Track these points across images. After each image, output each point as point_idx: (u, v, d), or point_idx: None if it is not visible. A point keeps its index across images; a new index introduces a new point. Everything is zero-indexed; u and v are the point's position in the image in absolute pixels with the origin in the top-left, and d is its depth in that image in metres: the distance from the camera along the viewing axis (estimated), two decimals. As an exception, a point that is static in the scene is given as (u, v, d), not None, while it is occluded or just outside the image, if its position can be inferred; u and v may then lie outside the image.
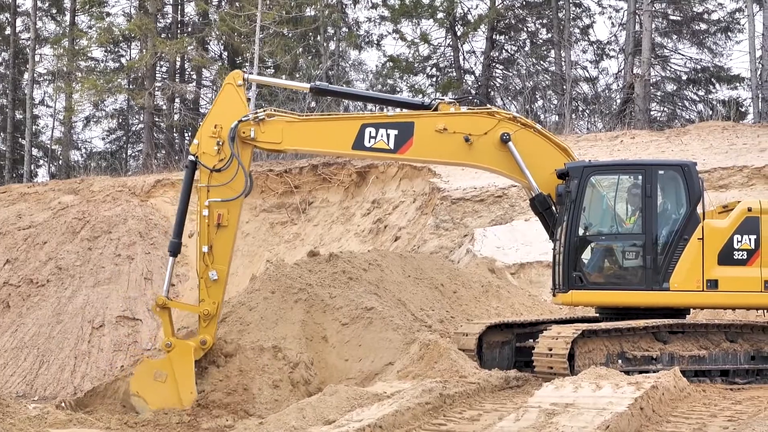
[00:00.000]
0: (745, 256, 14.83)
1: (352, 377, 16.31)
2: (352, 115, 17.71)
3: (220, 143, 15.97)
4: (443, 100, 16.67)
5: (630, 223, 15.49)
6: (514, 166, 16.14)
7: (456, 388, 12.30)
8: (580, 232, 15.28)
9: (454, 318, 18.65)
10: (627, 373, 13.14)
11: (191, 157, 16.18)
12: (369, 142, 16.04)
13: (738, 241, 14.85)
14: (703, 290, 14.79)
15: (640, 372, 13.43)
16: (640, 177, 15.24)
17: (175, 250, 16.46)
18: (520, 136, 16.12)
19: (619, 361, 13.98)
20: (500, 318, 17.90)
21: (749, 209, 15.00)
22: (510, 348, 16.24)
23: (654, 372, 13.11)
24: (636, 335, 14.23)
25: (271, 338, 17.04)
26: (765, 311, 16.30)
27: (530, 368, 14.70)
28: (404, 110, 17.11)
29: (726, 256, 14.85)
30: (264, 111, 16.44)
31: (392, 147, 16.07)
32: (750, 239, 14.83)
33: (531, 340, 15.52)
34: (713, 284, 14.78)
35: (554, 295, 16.03)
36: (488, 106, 17.07)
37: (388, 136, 16.03)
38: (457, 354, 14.68)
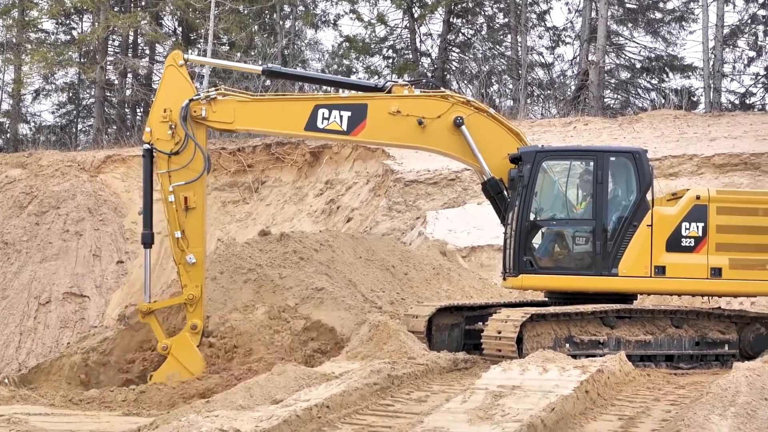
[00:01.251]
0: (692, 244, 15.01)
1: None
2: (305, 96, 17.77)
3: (173, 126, 15.77)
4: (397, 82, 16.61)
5: (581, 209, 15.59)
6: (466, 150, 16.17)
7: (404, 370, 12.32)
8: (532, 216, 15.36)
9: (404, 300, 18.67)
10: (574, 356, 13.23)
11: (146, 146, 15.99)
12: (322, 123, 15.98)
13: (686, 229, 15.02)
14: (651, 276, 14.96)
15: (587, 356, 13.53)
16: (591, 163, 15.33)
17: (148, 241, 16.26)
18: (474, 120, 16.14)
19: (567, 345, 14.09)
20: (450, 300, 17.92)
21: (697, 197, 15.17)
22: (459, 330, 16.29)
23: (601, 356, 13.21)
24: (584, 320, 14.34)
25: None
26: (710, 298, 16.50)
27: (479, 351, 14.78)
28: (359, 92, 17.04)
29: (674, 243, 15.03)
30: (216, 90, 16.28)
31: (345, 129, 16.03)
32: (698, 227, 15.01)
33: (480, 323, 15.56)
34: (661, 270, 14.95)
35: (504, 279, 16.10)
36: (442, 89, 17.06)
37: (341, 117, 15.98)
38: (406, 335, 14.70)
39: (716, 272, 14.99)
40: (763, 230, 15.14)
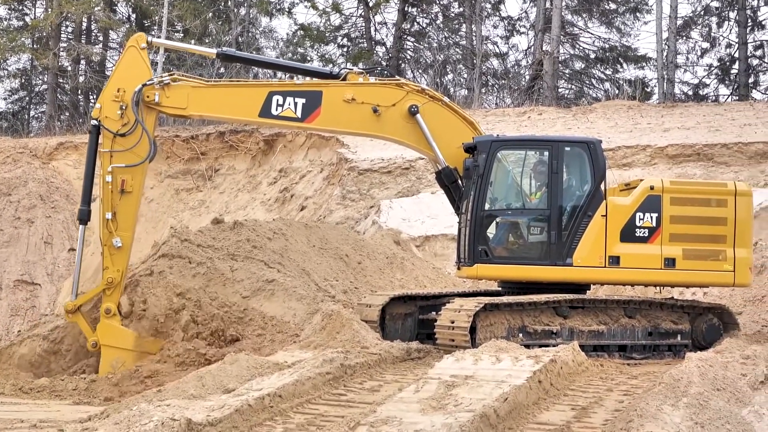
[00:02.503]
0: (646, 234, 15.07)
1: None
2: (259, 83, 17.58)
3: (124, 107, 15.74)
4: (352, 70, 16.65)
5: (536, 199, 15.58)
6: (421, 139, 16.16)
7: (357, 359, 12.27)
8: (487, 206, 15.32)
9: (357, 289, 18.61)
10: (527, 346, 13.23)
11: (94, 122, 15.94)
12: (276, 110, 15.93)
13: (640, 219, 15.08)
14: (605, 266, 15.00)
15: (541, 346, 13.54)
16: (546, 153, 15.34)
17: (84, 217, 16.20)
18: (428, 109, 16.13)
19: (520, 334, 14.09)
20: (404, 290, 17.90)
21: (651, 187, 15.23)
22: (413, 320, 16.24)
23: (554, 346, 13.22)
24: (537, 309, 14.35)
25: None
26: (662, 288, 16.59)
27: (432, 340, 14.74)
28: (314, 79, 16.94)
29: (628, 234, 15.08)
30: (169, 75, 16.21)
31: (299, 116, 15.99)
32: (651, 217, 15.07)
33: (434, 313, 15.54)
34: (615, 261, 15.00)
35: (459, 269, 16.08)
36: (397, 77, 17.04)
37: (295, 104, 15.93)
38: (359, 325, 14.64)
39: (670, 262, 15.06)
40: (716, 221, 15.22)
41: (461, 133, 16.18)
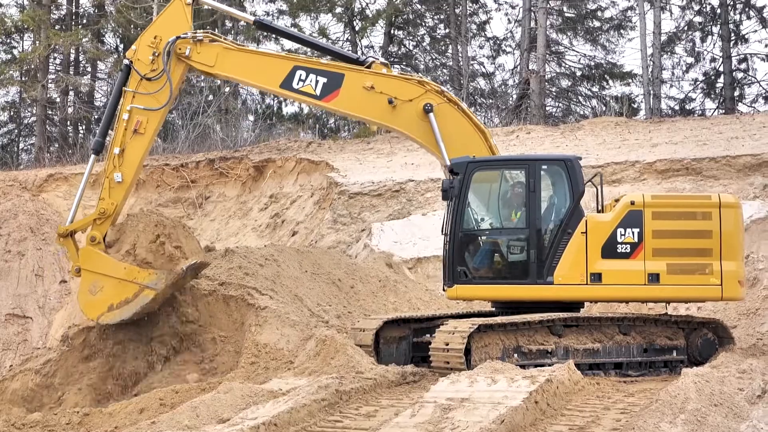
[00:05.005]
0: (628, 250, 14.95)
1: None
2: (286, 55, 17.93)
3: (156, 54, 16.68)
4: (378, 59, 17.05)
5: (515, 218, 15.60)
6: (431, 138, 16.31)
7: (352, 384, 12.23)
8: (465, 227, 15.37)
9: (351, 313, 18.58)
10: (523, 367, 13.20)
11: (126, 61, 16.86)
12: (297, 84, 16.54)
13: (621, 235, 14.97)
14: (586, 284, 14.91)
15: (536, 366, 13.51)
16: (523, 172, 15.36)
17: (97, 148, 17.19)
18: (443, 110, 16.31)
19: (515, 355, 14.06)
20: (397, 313, 17.87)
21: (632, 203, 15.11)
22: (407, 343, 16.20)
23: (549, 365, 13.19)
24: (531, 329, 14.32)
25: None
26: (650, 303, 16.57)
27: (427, 363, 14.70)
28: (339, 61, 17.30)
29: (609, 250, 14.96)
30: (204, 33, 17.02)
31: (318, 94, 16.53)
32: (633, 232, 14.96)
33: (428, 335, 15.52)
34: (597, 277, 14.90)
35: (444, 290, 16.09)
36: (420, 75, 17.38)
37: (316, 82, 16.47)
38: (353, 349, 14.60)
39: (654, 278, 14.90)
40: (700, 234, 15.06)
41: (471, 140, 16.27)
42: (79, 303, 16.78)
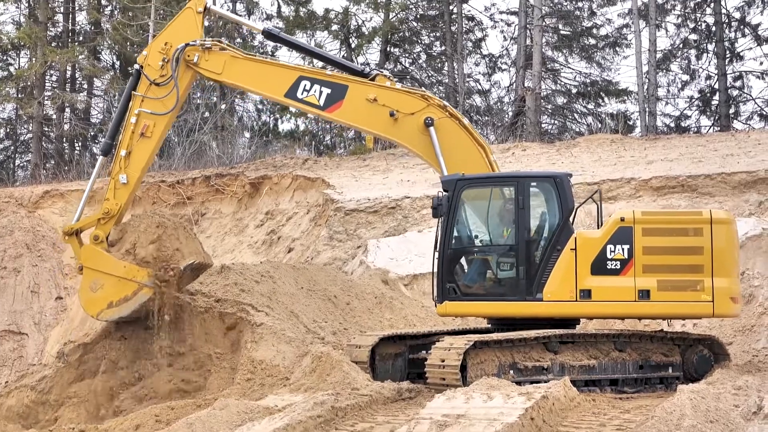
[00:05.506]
0: (618, 266, 14.92)
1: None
2: (292, 65, 18.12)
3: (166, 60, 17.03)
4: (382, 72, 17.29)
5: (504, 235, 15.65)
6: (431, 152, 16.34)
7: (348, 401, 12.21)
8: (454, 244, 15.46)
9: (347, 330, 18.56)
10: (519, 383, 13.20)
11: (137, 66, 17.25)
12: (302, 94, 16.81)
13: (611, 251, 14.95)
14: (576, 300, 14.89)
15: (532, 382, 13.50)
16: (512, 189, 15.39)
17: (105, 149, 17.73)
18: (444, 125, 16.36)
19: (511, 371, 14.06)
20: (393, 329, 17.86)
21: (622, 219, 15.09)
22: (403, 360, 16.21)
23: (545, 382, 13.19)
24: (527, 346, 14.32)
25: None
26: (645, 320, 16.55)
27: (423, 380, 14.69)
28: (344, 73, 17.59)
29: (599, 266, 14.94)
30: (212, 41, 17.37)
31: (322, 104, 16.77)
32: (623, 249, 14.93)
33: (424, 352, 15.51)
34: (586, 294, 14.87)
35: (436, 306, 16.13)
36: (423, 89, 17.46)
37: (320, 92, 16.71)
38: (349, 366, 14.60)
39: (644, 294, 14.84)
40: (691, 250, 15.00)
41: (471, 155, 16.29)
42: (81, 299, 17.16)
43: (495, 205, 15.96)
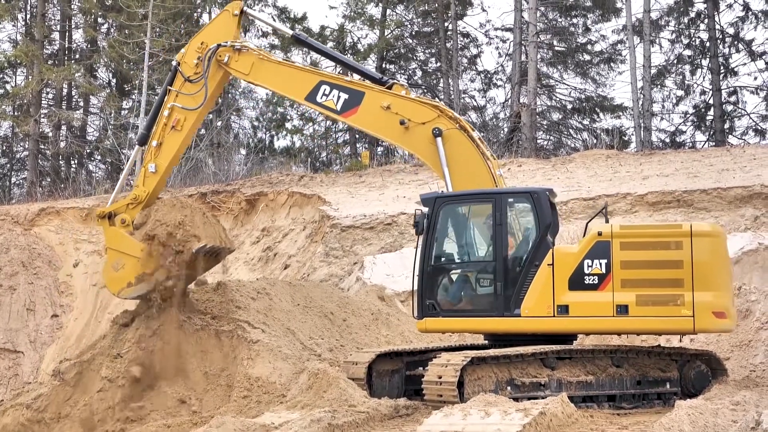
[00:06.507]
0: (596, 281, 14.73)
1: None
2: (314, 70, 18.62)
3: (200, 58, 17.87)
4: (398, 81, 17.49)
5: (482, 251, 15.66)
6: (438, 162, 16.35)
7: (345, 418, 12.20)
8: (434, 260, 15.48)
9: (343, 346, 18.53)
10: (516, 399, 13.18)
11: (174, 63, 18.28)
12: (321, 98, 17.28)
13: (588, 266, 14.77)
14: (553, 316, 14.77)
15: (529, 398, 13.48)
16: (490, 205, 15.38)
17: (141, 139, 18.42)
18: (452, 136, 16.36)
19: (508, 387, 14.01)
20: (390, 346, 17.84)
21: (599, 233, 14.92)
22: (400, 376, 16.18)
23: (543, 398, 13.16)
24: (524, 362, 14.29)
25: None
26: (642, 335, 16.48)
27: (420, 396, 14.66)
28: (362, 80, 17.89)
29: (576, 282, 14.78)
30: (243, 42, 18.09)
31: (339, 109, 17.16)
32: (601, 263, 14.74)
33: (421, 368, 15.48)
34: (564, 310, 14.73)
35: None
36: (437, 100, 17.57)
37: (338, 97, 17.12)
38: (346, 383, 14.56)
39: (622, 309, 14.58)
40: (671, 264, 14.69)
41: (476, 168, 16.26)
42: (104, 278, 18.27)
43: (474, 221, 15.98)
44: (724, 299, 14.89)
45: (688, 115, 46.37)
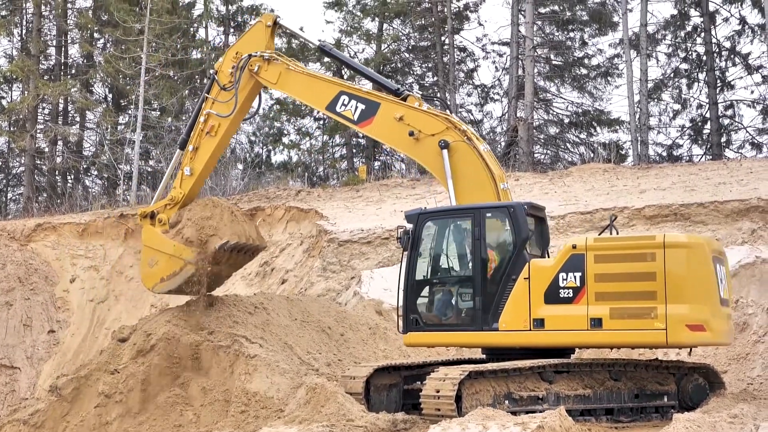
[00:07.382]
0: (570, 294, 14.59)
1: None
2: (335, 80, 19.18)
3: (235, 68, 18.55)
4: (413, 93, 17.64)
5: (462, 266, 15.77)
6: (444, 174, 16.39)
7: (343, 433, 12.18)
8: (417, 275, 15.65)
9: (341, 361, 18.52)
10: (514, 413, 13.16)
11: (212, 71, 19.19)
12: (340, 108, 17.69)
13: (563, 279, 14.65)
14: (530, 330, 14.71)
15: (527, 412, 13.46)
16: (469, 220, 15.43)
17: (182, 144, 19.18)
18: (458, 148, 16.34)
19: (506, 401, 13.99)
20: (388, 360, 17.82)
21: (574, 246, 14.81)
22: (398, 390, 16.17)
23: (540, 412, 13.15)
24: (522, 375, 14.27)
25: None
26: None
27: (418, 411, 14.64)
28: (379, 91, 18.27)
29: (552, 295, 14.68)
30: (273, 53, 18.66)
31: (356, 119, 17.55)
32: (575, 277, 14.61)
33: (419, 383, 15.46)
34: (539, 323, 14.63)
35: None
36: (448, 112, 17.56)
37: (356, 108, 17.51)
38: (344, 397, 14.55)
39: (596, 323, 14.37)
40: (643, 276, 14.40)
41: (480, 182, 16.22)
42: (140, 274, 19.37)
43: (454, 237, 16.06)
44: (701, 312, 14.42)
45: (685, 129, 46.46)
